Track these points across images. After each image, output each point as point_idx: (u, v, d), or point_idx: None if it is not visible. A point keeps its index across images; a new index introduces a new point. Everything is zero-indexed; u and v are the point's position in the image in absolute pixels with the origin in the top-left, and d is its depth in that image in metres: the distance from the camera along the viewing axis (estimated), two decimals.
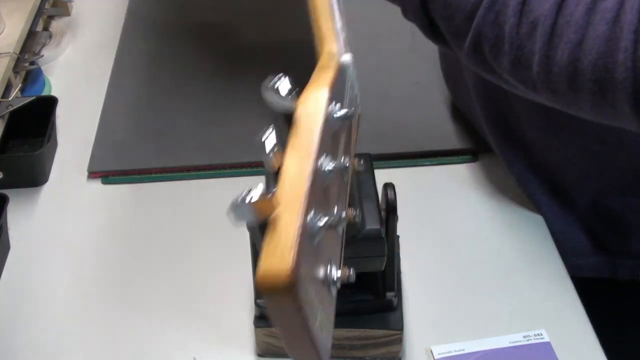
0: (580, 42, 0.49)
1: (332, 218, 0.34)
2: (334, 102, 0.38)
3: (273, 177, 0.35)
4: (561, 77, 0.50)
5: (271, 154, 0.35)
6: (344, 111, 0.38)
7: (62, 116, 0.86)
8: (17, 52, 0.85)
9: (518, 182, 0.75)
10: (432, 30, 0.60)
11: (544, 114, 0.66)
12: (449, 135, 0.82)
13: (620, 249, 0.73)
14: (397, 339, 0.59)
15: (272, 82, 0.39)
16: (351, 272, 0.38)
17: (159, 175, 0.80)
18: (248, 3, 1.04)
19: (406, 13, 0.60)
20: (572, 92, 0.51)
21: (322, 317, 0.32)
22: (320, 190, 0.34)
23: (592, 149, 0.67)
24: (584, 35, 0.48)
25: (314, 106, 0.36)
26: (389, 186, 0.56)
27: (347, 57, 0.44)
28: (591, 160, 0.69)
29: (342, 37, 0.47)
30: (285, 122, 0.39)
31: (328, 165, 0.35)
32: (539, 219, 0.74)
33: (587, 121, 0.54)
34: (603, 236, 0.73)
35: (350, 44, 0.50)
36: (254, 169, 0.79)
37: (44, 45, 0.91)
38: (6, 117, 0.79)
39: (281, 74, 0.40)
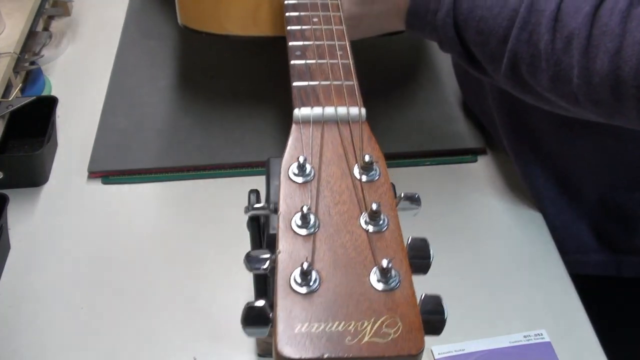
0: (618, 51, 0.49)
1: None
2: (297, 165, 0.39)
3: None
4: (603, 87, 0.51)
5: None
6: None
7: (62, 116, 0.86)
8: (17, 52, 0.85)
9: (523, 176, 0.74)
10: (469, 59, 0.60)
11: None
12: (450, 135, 0.82)
13: (626, 246, 0.73)
14: None
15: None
16: None
17: (159, 175, 0.80)
18: None
19: (443, 45, 0.60)
20: (615, 101, 0.51)
21: None
22: None
23: (606, 143, 0.66)
24: (622, 43, 0.49)
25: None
26: None
27: (296, 112, 0.44)
28: (603, 155, 0.68)
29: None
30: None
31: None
32: (539, 219, 0.74)
33: None
34: (609, 233, 0.73)
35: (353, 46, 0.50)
36: (254, 169, 0.79)
37: (44, 45, 0.91)
38: (6, 117, 0.79)
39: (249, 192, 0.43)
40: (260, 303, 0.34)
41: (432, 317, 0.34)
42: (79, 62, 0.97)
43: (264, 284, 0.59)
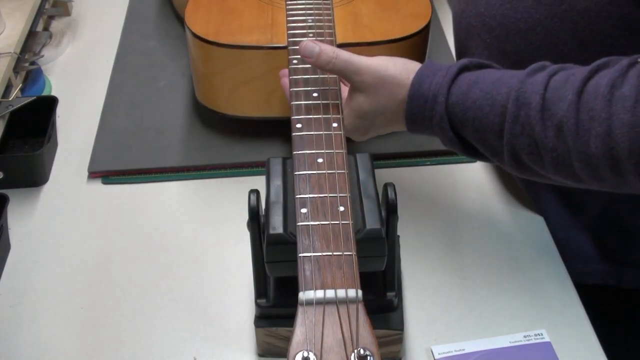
0: (608, 133, 0.50)
1: None
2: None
3: None
4: (602, 167, 0.52)
5: None
6: None
7: (62, 116, 0.86)
8: (18, 52, 0.85)
9: (525, 187, 0.75)
10: (473, 152, 0.62)
11: None
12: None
13: (628, 258, 0.73)
14: (398, 339, 0.59)
15: None
16: None
17: (159, 175, 0.80)
18: None
19: (446, 143, 0.62)
20: (618, 177, 0.52)
21: None
22: None
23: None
24: (610, 126, 0.50)
25: None
26: (389, 186, 0.56)
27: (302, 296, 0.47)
28: None
29: None
30: None
31: None
32: (539, 219, 0.74)
33: None
34: (611, 244, 0.73)
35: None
36: (254, 169, 0.79)
37: (44, 45, 0.91)
38: (6, 117, 0.79)
39: None
40: None
41: None
42: (79, 62, 0.97)
43: (264, 284, 0.59)
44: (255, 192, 0.55)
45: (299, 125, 0.60)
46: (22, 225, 0.74)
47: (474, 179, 0.78)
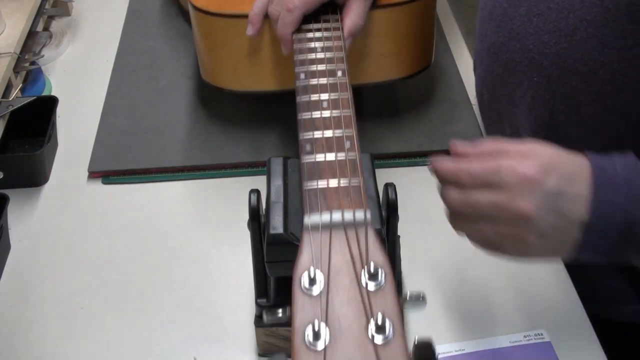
0: None
1: None
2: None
3: None
4: None
5: None
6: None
7: (62, 116, 0.86)
8: (18, 52, 0.85)
9: None
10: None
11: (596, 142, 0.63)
12: (449, 135, 0.82)
13: None
14: None
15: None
16: None
17: (159, 175, 0.80)
18: None
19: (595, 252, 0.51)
20: None
21: None
22: None
23: None
24: None
25: None
26: (389, 186, 0.56)
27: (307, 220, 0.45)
28: None
29: None
30: None
31: None
32: None
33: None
34: None
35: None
36: (254, 169, 0.79)
37: (44, 45, 0.91)
38: (6, 117, 0.79)
39: None
40: None
41: None
42: (79, 62, 0.97)
43: (265, 284, 0.59)
44: (255, 192, 0.55)
45: (302, 76, 0.58)
46: (22, 225, 0.74)
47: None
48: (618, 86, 0.58)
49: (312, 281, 0.40)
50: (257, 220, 0.55)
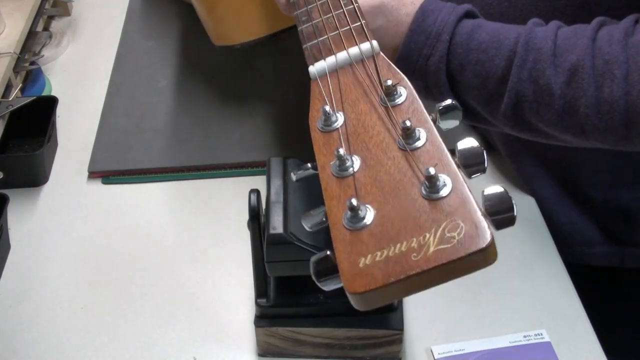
0: (625, 76, 0.50)
1: None
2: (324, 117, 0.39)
3: None
4: (612, 113, 0.52)
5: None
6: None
7: (62, 116, 0.86)
8: (18, 52, 0.85)
9: (525, 179, 0.75)
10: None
11: None
12: (449, 135, 0.82)
13: (630, 240, 0.74)
14: (398, 339, 0.59)
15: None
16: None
17: (158, 175, 0.80)
18: None
19: (429, 91, 0.59)
20: (624, 128, 0.52)
21: None
22: None
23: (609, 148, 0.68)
24: (627, 70, 0.50)
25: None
26: None
27: (312, 69, 0.44)
28: (607, 158, 0.69)
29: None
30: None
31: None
32: (539, 218, 0.74)
33: None
34: (613, 228, 0.74)
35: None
36: (254, 169, 0.79)
37: (44, 45, 0.91)
38: (6, 117, 0.79)
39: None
40: (324, 254, 0.34)
41: (500, 214, 0.34)
42: (79, 62, 0.97)
43: (264, 284, 0.59)
44: (255, 192, 0.55)
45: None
46: (22, 225, 0.74)
47: (473, 179, 0.78)
48: None
49: (329, 118, 0.38)
50: (257, 220, 0.55)
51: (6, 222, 0.72)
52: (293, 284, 0.59)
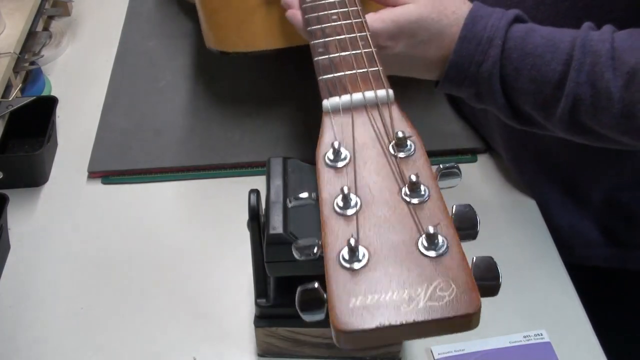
0: None
1: None
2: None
3: None
4: None
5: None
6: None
7: (62, 116, 0.86)
8: (17, 52, 0.85)
9: (526, 181, 0.75)
10: (512, 110, 0.60)
11: None
12: (449, 135, 0.82)
13: (631, 241, 0.74)
14: None
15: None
16: None
17: (159, 175, 0.80)
18: None
19: (481, 98, 0.59)
20: None
21: None
22: None
23: (611, 150, 0.67)
24: None
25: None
26: None
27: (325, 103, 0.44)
28: (609, 160, 0.70)
29: None
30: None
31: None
32: (540, 219, 0.74)
33: None
34: (615, 229, 0.74)
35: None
36: (254, 169, 0.79)
37: (44, 45, 0.91)
38: (6, 117, 0.79)
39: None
40: (312, 285, 0.34)
41: (486, 281, 0.36)
42: (79, 62, 0.97)
43: (264, 284, 0.59)
44: (255, 192, 0.55)
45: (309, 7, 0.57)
46: (22, 225, 0.74)
47: (473, 179, 0.78)
48: None
49: (337, 154, 0.39)
50: (257, 220, 0.55)
51: (6, 222, 0.72)
52: (293, 284, 0.59)
